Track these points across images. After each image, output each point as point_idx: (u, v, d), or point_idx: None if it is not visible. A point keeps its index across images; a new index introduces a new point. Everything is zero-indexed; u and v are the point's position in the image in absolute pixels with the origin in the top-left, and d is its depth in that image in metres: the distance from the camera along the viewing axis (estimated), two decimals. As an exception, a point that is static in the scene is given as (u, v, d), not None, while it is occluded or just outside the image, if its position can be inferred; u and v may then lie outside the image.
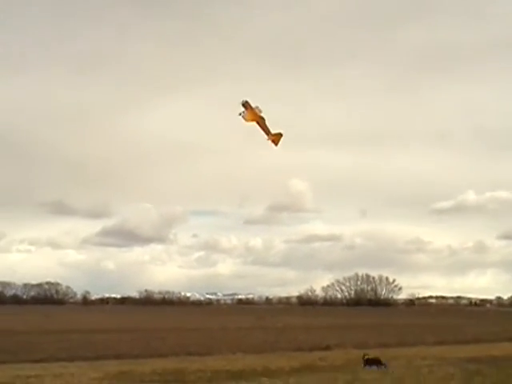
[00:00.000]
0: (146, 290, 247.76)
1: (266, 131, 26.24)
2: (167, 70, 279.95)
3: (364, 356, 34.52)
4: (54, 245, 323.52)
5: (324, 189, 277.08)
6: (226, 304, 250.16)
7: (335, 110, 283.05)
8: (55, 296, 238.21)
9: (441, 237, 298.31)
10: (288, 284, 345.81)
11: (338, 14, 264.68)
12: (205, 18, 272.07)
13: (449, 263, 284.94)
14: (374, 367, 33.21)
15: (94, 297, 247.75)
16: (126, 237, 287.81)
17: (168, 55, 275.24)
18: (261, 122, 26.00)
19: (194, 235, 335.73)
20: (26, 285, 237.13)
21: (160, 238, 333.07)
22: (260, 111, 25.78)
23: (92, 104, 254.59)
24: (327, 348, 48.01)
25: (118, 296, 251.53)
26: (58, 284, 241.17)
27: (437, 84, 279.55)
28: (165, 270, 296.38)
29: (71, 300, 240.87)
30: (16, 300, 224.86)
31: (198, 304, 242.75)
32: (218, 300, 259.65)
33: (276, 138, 26.51)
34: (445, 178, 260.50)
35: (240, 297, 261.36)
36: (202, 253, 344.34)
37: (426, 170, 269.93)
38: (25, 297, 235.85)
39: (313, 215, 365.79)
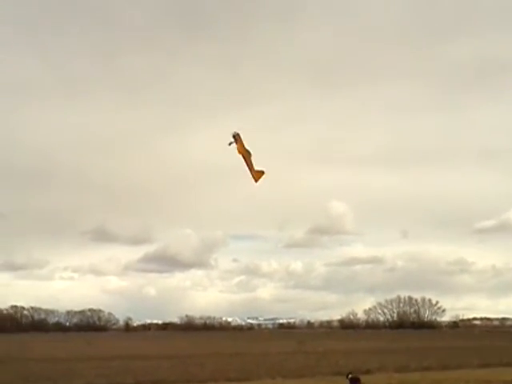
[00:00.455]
0: (187, 316, 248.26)
1: (250, 166, 27.30)
2: (206, 93, 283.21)
3: (348, 375, 36.73)
4: (97, 272, 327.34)
5: (364, 211, 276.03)
6: (267, 329, 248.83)
7: (377, 132, 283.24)
8: (98, 323, 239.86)
9: (484, 257, 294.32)
10: (329, 307, 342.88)
11: (383, 34, 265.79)
12: (245, 42, 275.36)
13: (493, 284, 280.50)
14: None
15: (136, 323, 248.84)
16: (167, 262, 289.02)
17: (207, 79, 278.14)
18: (246, 157, 27.13)
19: (235, 260, 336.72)
20: (68, 312, 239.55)
21: (201, 263, 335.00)
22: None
23: (132, 131, 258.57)
24: (368, 372, 47.18)
25: (160, 322, 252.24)
26: (100, 311, 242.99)
27: (482, 102, 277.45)
28: (206, 295, 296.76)
29: (114, 326, 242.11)
30: (59, 327, 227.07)
31: (239, 329, 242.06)
32: (259, 325, 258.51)
33: (257, 175, 27.59)
34: (487, 196, 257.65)
35: (281, 321, 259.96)
36: (242, 277, 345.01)
37: (467, 189, 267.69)
38: (68, 324, 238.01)
39: (353, 237, 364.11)
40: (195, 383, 40.00)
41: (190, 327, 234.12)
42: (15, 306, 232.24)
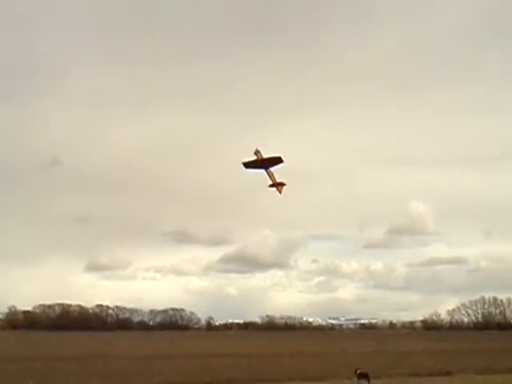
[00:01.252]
0: (267, 316, 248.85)
1: (273, 179, 29.66)
2: (280, 98, 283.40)
3: (356, 370, 39.28)
4: (178, 272, 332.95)
5: (446, 210, 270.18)
6: (348, 329, 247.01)
7: (454, 130, 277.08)
8: (180, 322, 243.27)
9: None
10: (412, 308, 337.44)
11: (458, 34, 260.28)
12: (317, 46, 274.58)
13: None
14: (365, 382, 38.46)
15: (217, 322, 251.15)
16: (247, 263, 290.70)
17: (281, 84, 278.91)
18: (269, 170, 29.61)
19: (314, 260, 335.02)
20: (152, 311, 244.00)
21: (280, 264, 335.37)
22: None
23: (208, 135, 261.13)
24: (448, 374, 45.98)
25: (241, 321, 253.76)
26: (182, 310, 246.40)
27: None
28: (286, 295, 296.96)
29: (196, 326, 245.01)
30: (143, 326, 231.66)
31: (320, 329, 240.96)
32: (340, 325, 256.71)
33: (281, 187, 30.14)
34: None
35: (363, 321, 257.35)
36: (322, 278, 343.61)
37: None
38: (151, 323, 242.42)
39: (434, 238, 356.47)
40: (271, 382, 39.72)
41: (270, 327, 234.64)
42: (100, 305, 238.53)
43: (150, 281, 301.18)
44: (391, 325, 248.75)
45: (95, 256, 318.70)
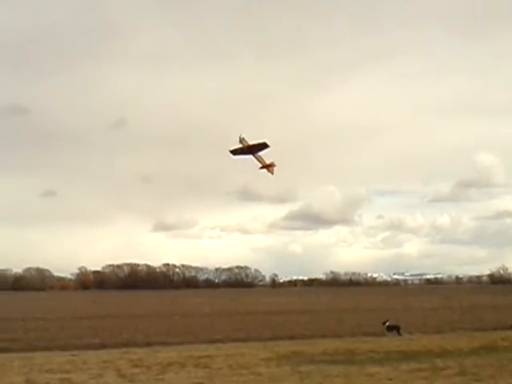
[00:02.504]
0: (332, 272, 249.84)
1: (262, 162, 30.39)
2: (347, 51, 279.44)
3: (385, 322, 41.03)
4: (243, 230, 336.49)
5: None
6: (413, 284, 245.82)
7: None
8: (245, 279, 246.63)
9: None
10: (479, 262, 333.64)
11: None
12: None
13: None
14: (395, 332, 40.12)
15: (282, 279, 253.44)
16: (311, 220, 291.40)
17: (342, 37, 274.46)
18: (256, 155, 30.33)
19: (379, 216, 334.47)
20: (217, 269, 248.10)
21: (345, 220, 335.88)
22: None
23: (272, 90, 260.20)
24: (512, 327, 45.30)
25: (306, 278, 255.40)
26: (247, 268, 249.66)
27: None
28: (351, 251, 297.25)
29: (260, 283, 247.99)
30: (209, 284, 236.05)
31: (384, 285, 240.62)
32: (405, 280, 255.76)
33: (271, 168, 30.85)
34: None
35: (428, 277, 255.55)
36: (387, 233, 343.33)
37: None
38: (217, 281, 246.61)
39: (504, 190, 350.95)
40: (331, 338, 39.92)
41: (335, 283, 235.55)
42: (167, 264, 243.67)
43: (215, 239, 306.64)
44: (457, 279, 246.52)
45: (162, 216, 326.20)
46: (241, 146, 30.20)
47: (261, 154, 30.92)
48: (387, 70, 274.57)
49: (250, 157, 30.98)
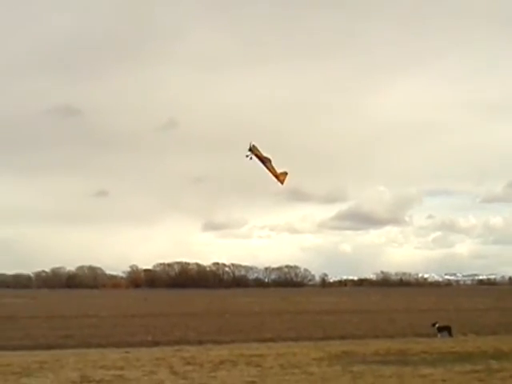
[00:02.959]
0: (382, 272, 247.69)
1: (272, 171, 29.26)
2: (397, 49, 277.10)
3: (434, 324, 41.17)
4: (292, 230, 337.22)
5: None
6: (465, 285, 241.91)
7: None
8: (295, 279, 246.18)
9: None
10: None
11: None
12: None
13: None
14: (446, 333, 40.23)
15: (332, 279, 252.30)
16: (361, 220, 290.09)
17: (393, 37, 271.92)
18: (267, 164, 29.21)
19: (430, 216, 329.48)
20: (267, 268, 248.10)
21: (395, 220, 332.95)
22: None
23: (323, 92, 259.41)
24: None
25: (356, 278, 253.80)
26: (296, 267, 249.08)
27: None
28: (401, 251, 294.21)
29: (310, 283, 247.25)
30: (258, 283, 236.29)
31: (436, 285, 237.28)
32: (457, 281, 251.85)
33: (282, 177, 29.54)
34: None
35: (481, 277, 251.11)
36: (438, 233, 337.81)
37: None
38: (266, 280, 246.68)
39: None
40: (383, 338, 39.63)
41: (385, 283, 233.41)
42: (217, 263, 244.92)
43: (264, 239, 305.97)
44: (511, 280, 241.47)
45: (212, 215, 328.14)
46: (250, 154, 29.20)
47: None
48: (439, 68, 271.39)
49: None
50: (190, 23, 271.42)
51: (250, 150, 29.03)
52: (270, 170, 29.49)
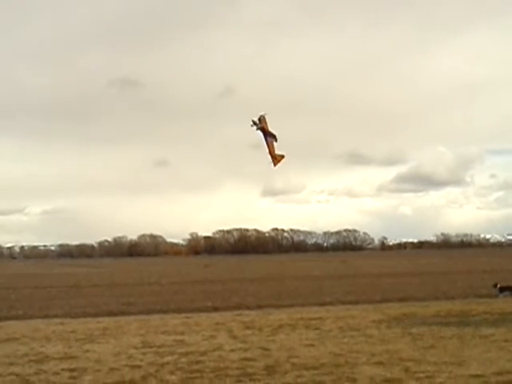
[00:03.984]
0: (442, 234, 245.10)
1: (271, 150, 27.44)
2: (450, 11, 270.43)
3: (496, 285, 40.40)
4: (351, 194, 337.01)
5: None
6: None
7: None
8: (354, 243, 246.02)
9: None
10: None
11: None
12: None
13: None
14: (508, 293, 39.27)
15: (391, 242, 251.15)
16: (421, 181, 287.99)
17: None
18: (270, 140, 27.34)
19: (492, 175, 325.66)
20: (325, 233, 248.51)
21: (456, 181, 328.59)
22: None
23: (381, 53, 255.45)
24: None
25: (416, 240, 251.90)
26: (355, 231, 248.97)
27: None
28: (462, 212, 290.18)
29: (369, 246, 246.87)
30: (317, 248, 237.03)
31: (498, 246, 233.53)
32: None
33: (278, 160, 27.66)
34: None
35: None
36: (501, 193, 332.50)
37: None
38: (325, 244, 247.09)
39: None
40: (444, 300, 39.24)
41: (445, 245, 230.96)
42: (276, 229, 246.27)
43: (323, 203, 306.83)
44: None
45: (270, 181, 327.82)
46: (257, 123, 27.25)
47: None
48: (497, 26, 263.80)
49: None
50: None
51: (259, 119, 27.13)
52: (269, 147, 27.88)
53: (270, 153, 27.82)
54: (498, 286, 40.52)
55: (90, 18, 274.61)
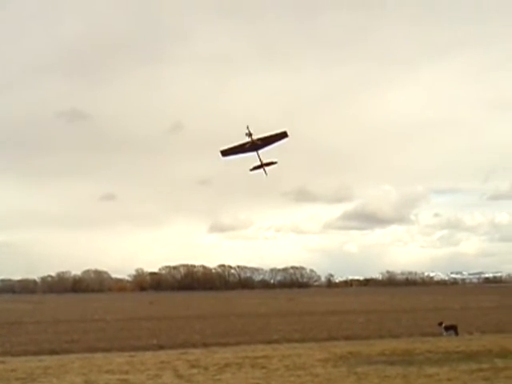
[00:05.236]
0: (388, 272, 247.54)
1: (261, 160, 28.17)
2: (400, 51, 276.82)
3: (441, 323, 41.11)
4: (298, 230, 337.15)
5: None
6: (471, 283, 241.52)
7: None
8: (300, 280, 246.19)
9: None
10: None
11: None
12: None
13: None
14: (452, 332, 40.01)
15: (337, 279, 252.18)
16: (367, 219, 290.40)
17: (409, 32, 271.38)
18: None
19: (436, 214, 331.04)
20: (272, 270, 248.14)
21: (401, 219, 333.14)
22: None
23: (327, 92, 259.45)
24: None
25: (361, 278, 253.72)
26: (302, 268, 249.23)
27: None
28: (407, 250, 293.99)
29: (316, 283, 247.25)
30: (264, 284, 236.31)
31: (442, 284, 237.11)
32: (463, 279, 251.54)
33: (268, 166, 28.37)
34: None
35: (487, 275, 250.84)
36: (444, 232, 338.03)
37: None
38: (272, 281, 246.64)
39: None
40: (389, 338, 39.54)
41: (391, 283, 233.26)
42: (223, 265, 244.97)
43: (270, 240, 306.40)
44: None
45: (218, 217, 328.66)
46: (248, 140, 27.49)
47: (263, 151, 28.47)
48: (447, 64, 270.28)
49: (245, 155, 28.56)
50: (197, 26, 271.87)
51: (248, 135, 27.46)
52: (260, 160, 28.52)
53: (261, 164, 28.46)
54: (443, 325, 41.14)
55: (39, 48, 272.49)
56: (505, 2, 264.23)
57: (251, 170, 29.34)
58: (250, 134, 27.29)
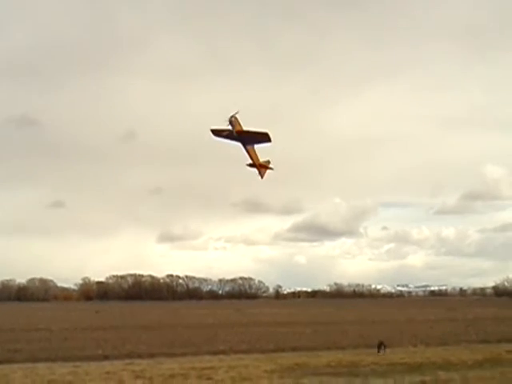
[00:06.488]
0: (336, 284, 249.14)
1: (254, 158, 24.98)
2: (351, 67, 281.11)
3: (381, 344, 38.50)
4: (248, 241, 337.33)
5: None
6: (417, 296, 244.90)
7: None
8: (249, 291, 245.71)
9: None
10: (483, 274, 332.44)
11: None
12: (391, 10, 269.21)
13: None
14: (382, 348, 37.55)
15: (285, 291, 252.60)
16: (316, 232, 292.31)
17: (355, 51, 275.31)
18: (250, 146, 24.67)
19: (384, 227, 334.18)
20: (221, 280, 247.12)
21: (350, 232, 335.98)
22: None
23: (280, 104, 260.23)
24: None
25: (309, 290, 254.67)
26: (251, 279, 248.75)
27: None
28: (355, 263, 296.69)
29: (264, 294, 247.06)
30: (212, 295, 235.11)
31: (388, 296, 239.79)
32: (409, 292, 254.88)
33: (264, 170, 25.15)
34: None
35: (432, 288, 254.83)
36: (392, 245, 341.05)
37: None
38: (220, 292, 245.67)
39: (510, 202, 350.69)
40: (335, 350, 39.83)
41: (338, 295, 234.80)
42: (171, 275, 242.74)
43: (220, 250, 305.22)
44: (461, 291, 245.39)
45: (167, 227, 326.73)
46: (229, 128, 24.26)
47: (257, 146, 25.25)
48: (394, 83, 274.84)
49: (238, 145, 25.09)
50: (150, 34, 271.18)
51: (231, 123, 23.88)
52: (251, 156, 24.74)
53: (253, 162, 24.61)
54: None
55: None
56: (442, 25, 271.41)
57: (248, 165, 25.88)
58: (230, 122, 24.08)
